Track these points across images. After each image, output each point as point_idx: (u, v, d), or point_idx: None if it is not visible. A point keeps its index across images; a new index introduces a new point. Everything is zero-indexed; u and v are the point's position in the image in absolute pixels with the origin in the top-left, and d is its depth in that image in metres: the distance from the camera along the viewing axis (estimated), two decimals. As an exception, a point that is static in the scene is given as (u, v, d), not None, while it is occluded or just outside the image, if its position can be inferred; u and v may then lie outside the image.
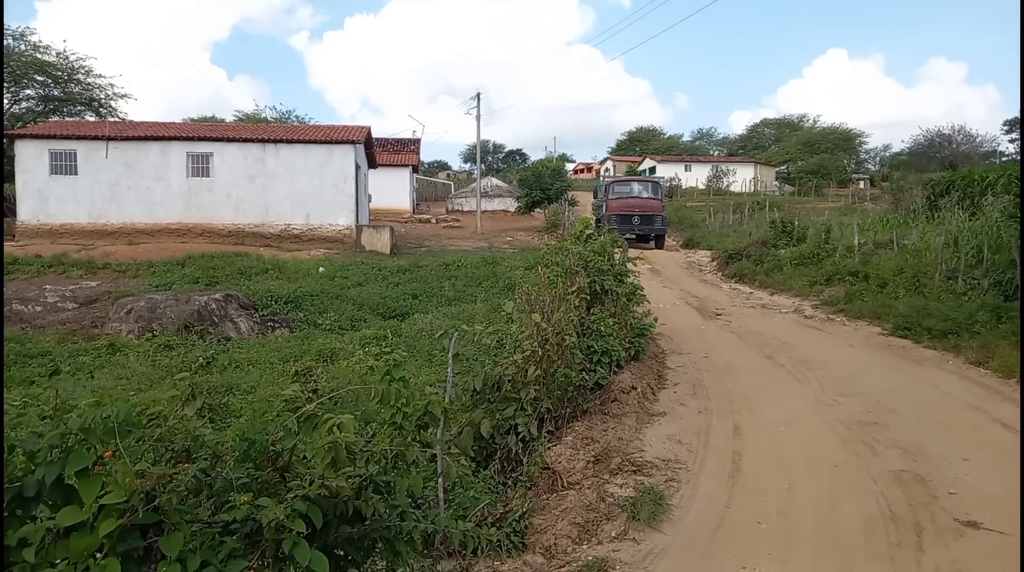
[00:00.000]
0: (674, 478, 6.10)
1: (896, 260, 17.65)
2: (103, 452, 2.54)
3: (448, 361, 6.14)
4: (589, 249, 9.75)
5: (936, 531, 4.90)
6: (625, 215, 26.51)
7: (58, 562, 2.48)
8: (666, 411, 8.19)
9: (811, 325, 14.47)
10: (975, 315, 11.58)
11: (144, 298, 15.40)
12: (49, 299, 17.41)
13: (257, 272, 19.12)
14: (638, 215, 27.01)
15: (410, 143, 40.67)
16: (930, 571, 4.35)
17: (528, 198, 35.56)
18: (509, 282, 17.95)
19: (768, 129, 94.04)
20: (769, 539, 4.97)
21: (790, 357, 11.24)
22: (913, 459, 6.40)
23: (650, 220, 27.23)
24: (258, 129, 27.60)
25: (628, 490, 5.89)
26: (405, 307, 15.99)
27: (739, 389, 9.32)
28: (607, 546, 4.98)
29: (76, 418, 2.50)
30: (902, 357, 11.12)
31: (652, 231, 27.52)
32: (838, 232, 21.95)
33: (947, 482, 5.79)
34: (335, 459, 2.84)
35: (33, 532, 2.43)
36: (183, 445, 2.81)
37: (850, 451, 6.77)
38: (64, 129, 25.09)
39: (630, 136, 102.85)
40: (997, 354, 10.03)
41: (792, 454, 6.74)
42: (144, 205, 24.51)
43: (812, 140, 78.87)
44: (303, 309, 15.37)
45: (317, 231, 25.35)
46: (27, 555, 2.38)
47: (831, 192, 60.90)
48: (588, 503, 5.80)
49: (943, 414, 7.91)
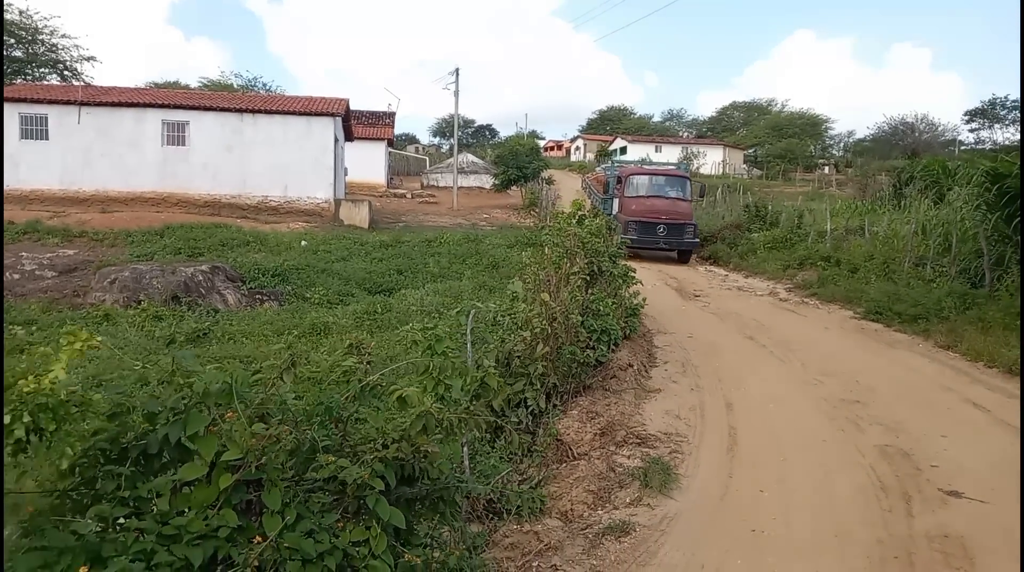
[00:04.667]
0: (677, 450, 6.49)
1: (866, 246, 18.33)
2: (218, 413, 2.78)
3: (467, 337, 6.42)
4: (586, 230, 10.04)
5: (922, 499, 5.36)
6: (648, 223, 20.44)
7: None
8: (661, 388, 8.58)
9: (786, 307, 15.02)
10: (943, 301, 12.18)
11: (128, 268, 15.30)
12: (27, 267, 17.15)
13: (239, 244, 19.05)
14: (664, 223, 20.72)
15: (385, 116, 40.39)
16: (920, 534, 4.79)
17: (505, 176, 35.74)
18: (493, 260, 18.20)
19: (737, 112, 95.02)
20: (771, 505, 5.38)
21: (771, 338, 11.73)
22: (895, 435, 6.88)
23: (679, 230, 20.92)
24: (236, 98, 27.23)
25: (636, 461, 6.26)
26: (391, 283, 16.14)
27: (726, 368, 9.76)
28: (623, 511, 5.34)
29: (200, 383, 2.74)
30: (875, 340, 11.69)
31: (681, 245, 21.22)
32: (810, 218, 22.58)
33: (928, 456, 6.27)
34: (425, 426, 3.11)
35: (163, 485, 2.67)
36: (278, 409, 3.06)
37: (836, 427, 7.23)
38: (35, 92, 24.47)
39: (601, 115, 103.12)
40: (964, 338, 10.62)
41: (783, 429, 7.18)
42: (118, 173, 24.11)
43: (780, 124, 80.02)
44: (290, 282, 15.43)
45: (295, 204, 25.23)
46: (161, 504, 2.63)
47: (798, 177, 62.10)
48: (599, 472, 6.16)
49: (919, 394, 8.43)
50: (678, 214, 21.13)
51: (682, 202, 21.88)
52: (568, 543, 4.70)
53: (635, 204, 21.22)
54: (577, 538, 4.79)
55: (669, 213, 20.99)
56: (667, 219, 20.76)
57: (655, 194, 21.89)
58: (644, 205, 21.11)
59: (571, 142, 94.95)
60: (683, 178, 23.34)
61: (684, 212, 21.46)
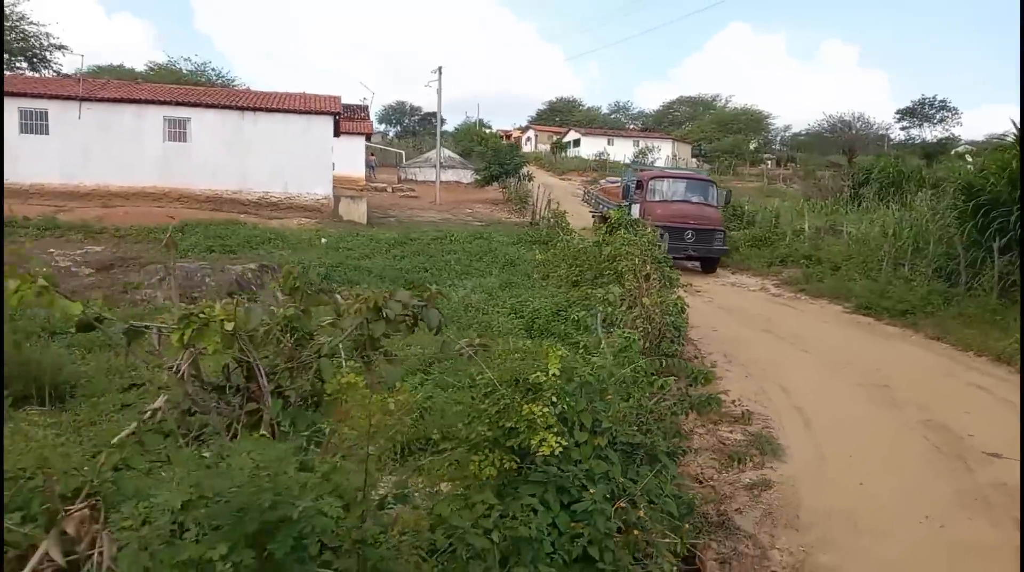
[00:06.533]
0: (768, 427, 8.04)
1: (843, 246, 20.42)
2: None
3: (599, 333, 7.81)
4: (643, 239, 11.53)
5: (974, 460, 7.03)
6: (676, 229, 19.34)
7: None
8: (721, 376, 10.15)
9: (782, 302, 16.85)
10: (928, 298, 14.14)
11: (175, 266, 16.04)
12: (61, 263, 17.63)
13: (261, 241, 19.86)
14: (693, 229, 19.91)
15: (360, 110, 41.00)
16: (984, 484, 6.44)
17: (488, 172, 37.05)
18: (507, 258, 19.50)
19: (683, 107, 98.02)
20: (862, 465, 6.97)
21: (783, 331, 13.44)
22: (928, 413, 8.59)
23: (709, 237, 20.15)
24: (236, 95, 27.71)
25: (738, 435, 7.79)
26: (421, 280, 17.29)
27: (762, 359, 11.38)
28: (751, 472, 6.85)
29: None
30: (871, 332, 13.54)
31: (711, 252, 20.43)
32: (787, 217, 24.64)
33: (962, 427, 7.98)
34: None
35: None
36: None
37: (878, 406, 8.92)
38: (35, 87, 24.50)
39: (550, 106, 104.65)
40: (951, 331, 12.53)
41: (837, 408, 8.83)
42: (119, 168, 24.39)
43: (725, 120, 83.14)
44: (331, 281, 16.44)
45: (295, 200, 25.97)
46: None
47: (745, 171, 65.14)
48: (712, 445, 7.67)
49: (929, 379, 10.21)
50: (707, 219, 20.50)
51: (709, 207, 21.27)
52: (733, 494, 6.19)
53: (660, 209, 20.26)
54: (737, 490, 6.28)
55: (698, 218, 20.32)
56: (695, 225, 20.06)
57: (681, 199, 21.20)
58: (670, 210, 20.32)
59: (522, 132, 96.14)
60: (708, 182, 22.76)
61: (713, 217, 20.81)
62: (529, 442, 3.18)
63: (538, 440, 3.15)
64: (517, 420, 3.23)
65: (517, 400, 3.33)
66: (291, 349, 3.33)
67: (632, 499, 3.99)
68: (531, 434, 3.18)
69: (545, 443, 3.14)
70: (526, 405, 3.23)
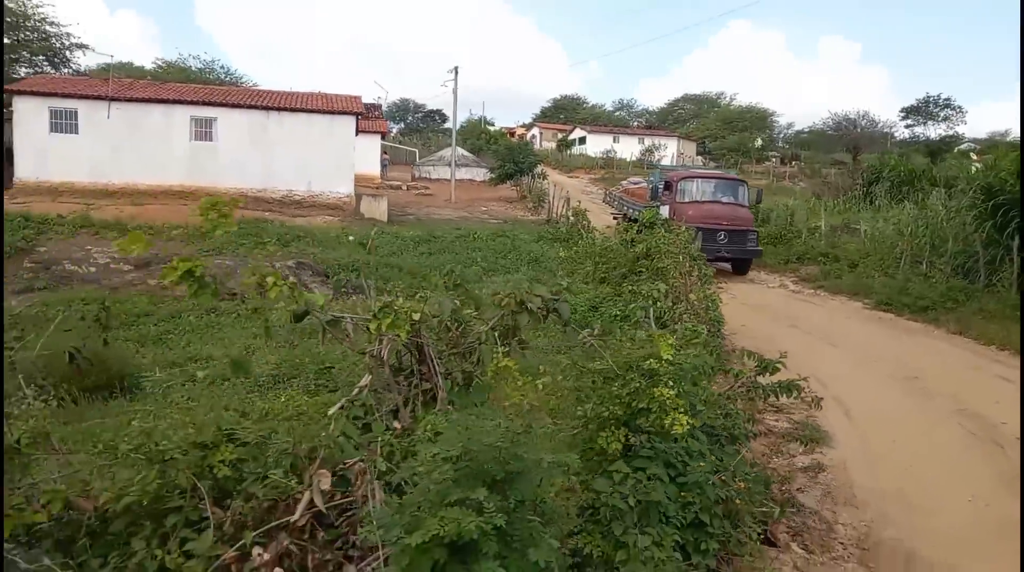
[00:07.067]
0: (811, 415, 8.53)
1: (859, 244, 20.90)
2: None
3: (652, 327, 8.28)
4: (678, 238, 12.00)
5: (1008, 443, 7.53)
6: (709, 230, 18.72)
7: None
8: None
9: (802, 299, 17.34)
10: (948, 294, 14.62)
11: (213, 263, 16.54)
12: (99, 260, 18.18)
13: (292, 238, 20.37)
14: (725, 231, 19.56)
15: (374, 109, 41.51)
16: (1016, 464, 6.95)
17: (502, 170, 37.59)
18: (531, 255, 20.00)
19: (688, 104, 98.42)
20: (905, 450, 7.47)
21: (809, 326, 13.93)
22: (960, 403, 9.09)
23: (742, 238, 19.78)
24: (260, 96, 28.18)
25: (784, 424, 8.29)
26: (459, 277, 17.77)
27: (795, 352, 11.79)
28: (802, 457, 7.34)
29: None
30: (894, 327, 14.03)
31: (744, 253, 20.03)
32: (801, 215, 25.12)
33: (994, 416, 8.47)
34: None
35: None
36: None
37: (912, 397, 9.42)
38: (65, 87, 25.00)
39: (555, 104, 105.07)
40: (972, 326, 13.02)
41: (874, 399, 9.32)
42: (147, 167, 24.89)
43: (730, 118, 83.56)
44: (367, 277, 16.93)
45: (319, 198, 26.47)
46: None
47: (751, 169, 65.61)
48: (761, 431, 8.16)
49: (956, 372, 10.71)
50: (739, 220, 20.18)
51: (741, 207, 20.97)
52: (791, 475, 6.69)
53: (692, 209, 19.83)
54: (794, 472, 6.78)
55: (731, 219, 20.02)
56: (728, 225, 19.72)
57: (712, 199, 20.93)
58: (702, 210, 19.99)
59: (527, 129, 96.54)
60: (739, 182, 22.52)
61: (745, 218, 20.52)
62: (662, 421, 3.67)
63: (670, 420, 3.64)
64: (649, 401, 3.72)
65: (643, 384, 3.82)
66: (457, 337, 3.82)
67: (729, 474, 4.49)
68: (662, 414, 3.67)
69: (677, 422, 3.64)
70: (656, 389, 3.72)
